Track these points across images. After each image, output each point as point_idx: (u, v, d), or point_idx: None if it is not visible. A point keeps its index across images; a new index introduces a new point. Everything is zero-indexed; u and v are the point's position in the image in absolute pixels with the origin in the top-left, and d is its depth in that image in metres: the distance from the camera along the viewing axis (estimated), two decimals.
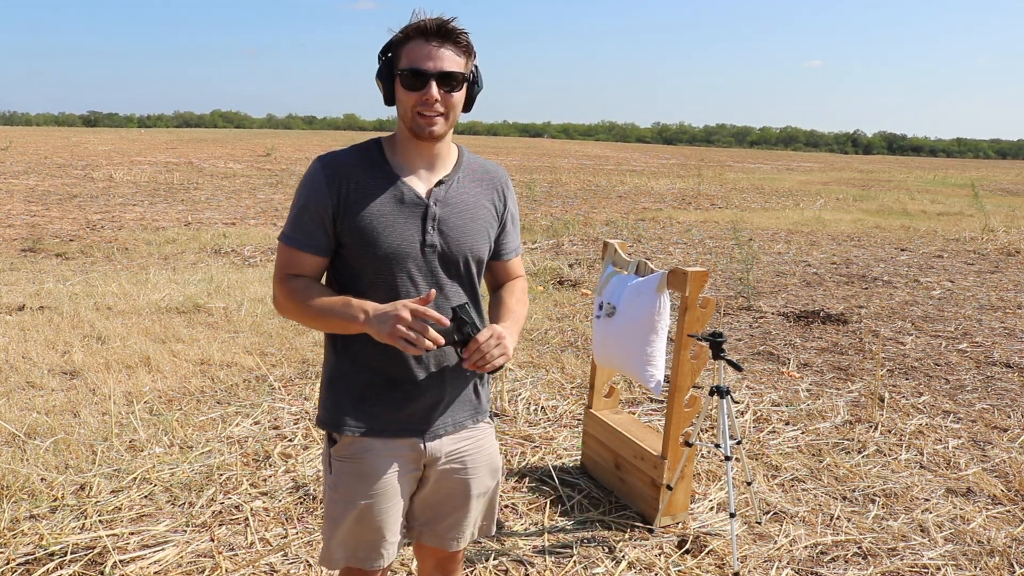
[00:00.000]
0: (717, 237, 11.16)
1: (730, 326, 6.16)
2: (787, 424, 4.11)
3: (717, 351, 2.73)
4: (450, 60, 1.57)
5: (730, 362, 2.70)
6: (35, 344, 4.95)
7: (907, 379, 4.94)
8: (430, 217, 1.64)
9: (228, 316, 5.82)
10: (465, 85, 1.62)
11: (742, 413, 4.24)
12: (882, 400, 4.50)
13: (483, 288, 1.80)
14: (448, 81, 1.57)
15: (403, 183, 1.64)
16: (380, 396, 1.66)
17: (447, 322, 1.53)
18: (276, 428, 3.82)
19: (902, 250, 10.51)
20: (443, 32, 1.57)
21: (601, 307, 3.06)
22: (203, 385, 4.38)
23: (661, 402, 4.35)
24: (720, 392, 2.75)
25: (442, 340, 1.52)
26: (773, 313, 6.61)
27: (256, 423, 3.87)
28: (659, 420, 4.09)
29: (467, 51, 1.61)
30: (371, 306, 1.56)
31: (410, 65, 1.56)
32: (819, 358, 5.33)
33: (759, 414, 4.24)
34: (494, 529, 1.91)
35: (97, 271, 7.47)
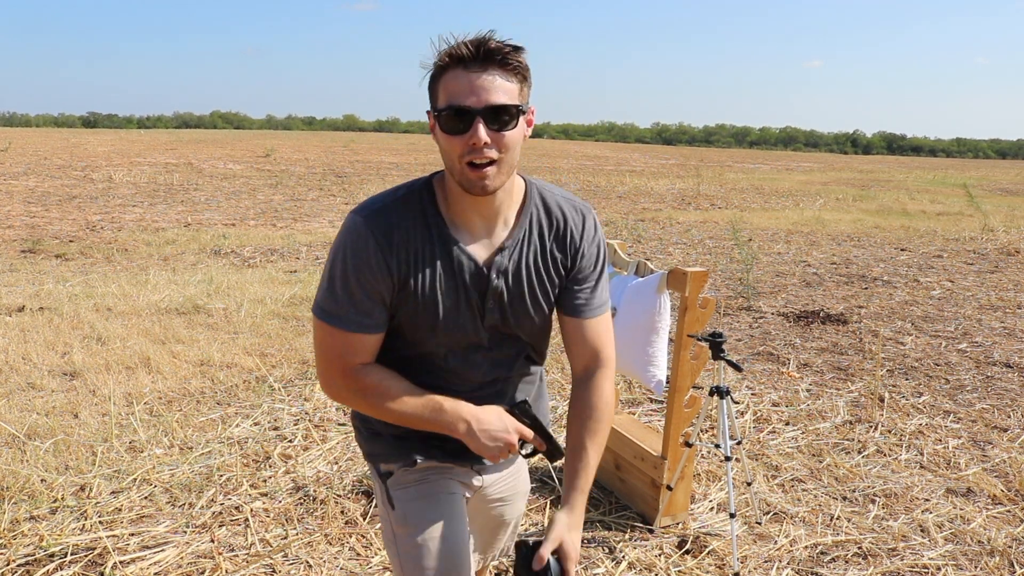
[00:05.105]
0: (717, 237, 11.17)
1: (730, 326, 6.16)
2: (787, 424, 4.11)
3: (717, 351, 2.73)
4: (499, 89, 1.25)
5: (730, 362, 2.70)
6: (35, 345, 4.95)
7: (907, 379, 4.94)
8: (491, 293, 1.39)
9: (228, 317, 5.82)
10: (521, 118, 1.30)
11: (742, 413, 4.24)
12: (882, 400, 4.50)
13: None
14: (498, 117, 1.25)
15: (461, 249, 1.36)
16: (428, 435, 1.49)
17: (543, 446, 1.47)
18: (276, 429, 3.81)
19: (902, 250, 10.51)
20: (485, 54, 1.24)
21: None
22: (203, 386, 4.38)
23: (661, 402, 4.35)
24: (720, 392, 2.75)
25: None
26: (773, 313, 6.61)
27: (256, 424, 3.87)
28: (659, 420, 4.09)
29: (519, 74, 1.29)
30: (472, 417, 1.39)
31: (449, 102, 1.24)
32: (819, 358, 5.33)
33: (759, 414, 4.24)
34: (512, 547, 1.82)
35: (97, 272, 7.47)
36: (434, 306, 1.37)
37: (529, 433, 1.45)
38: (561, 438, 1.55)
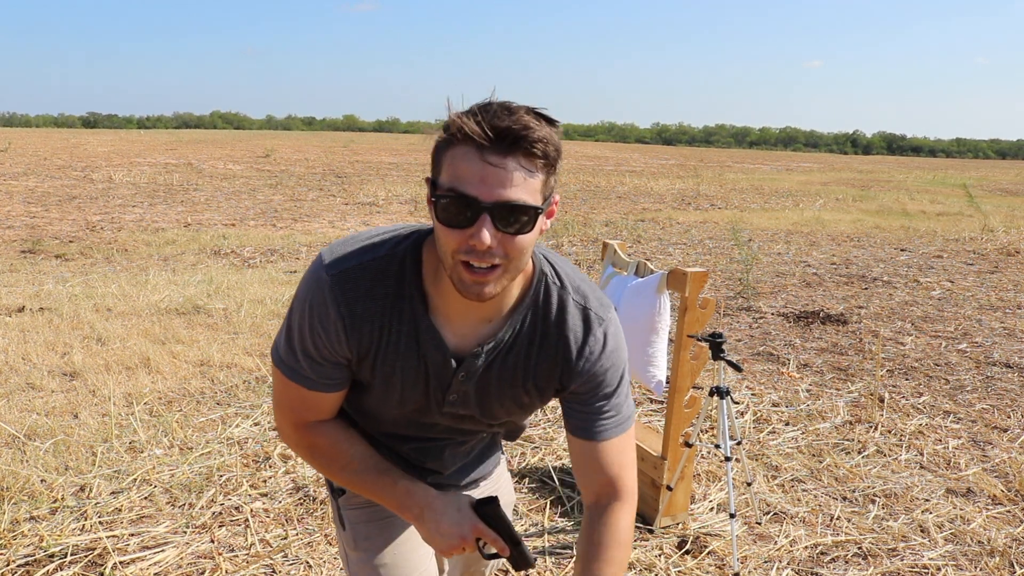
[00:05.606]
0: (717, 238, 11.17)
1: (730, 326, 6.16)
2: (787, 425, 4.12)
3: (717, 351, 2.73)
4: (518, 184, 1.02)
5: (730, 363, 2.70)
6: (35, 345, 4.95)
7: (907, 379, 4.94)
8: (453, 389, 1.25)
9: (228, 317, 5.82)
10: (540, 218, 1.08)
11: (742, 414, 4.23)
12: (882, 400, 4.50)
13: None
14: (512, 217, 1.03)
15: (432, 336, 1.20)
16: (383, 453, 1.39)
17: (507, 551, 1.26)
18: (276, 429, 3.81)
19: (902, 250, 10.51)
20: (508, 139, 1.01)
21: None
22: (203, 386, 4.38)
23: (661, 403, 4.35)
24: (720, 393, 2.75)
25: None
26: (773, 313, 6.61)
27: (256, 424, 3.87)
28: (659, 421, 4.09)
29: (547, 165, 1.06)
30: (426, 505, 1.25)
31: (452, 185, 1.02)
32: (819, 358, 5.33)
33: (759, 415, 4.24)
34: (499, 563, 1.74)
35: (97, 272, 7.47)
36: (390, 384, 1.24)
37: (491, 535, 1.26)
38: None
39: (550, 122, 1.06)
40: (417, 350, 1.20)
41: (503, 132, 1.00)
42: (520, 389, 1.26)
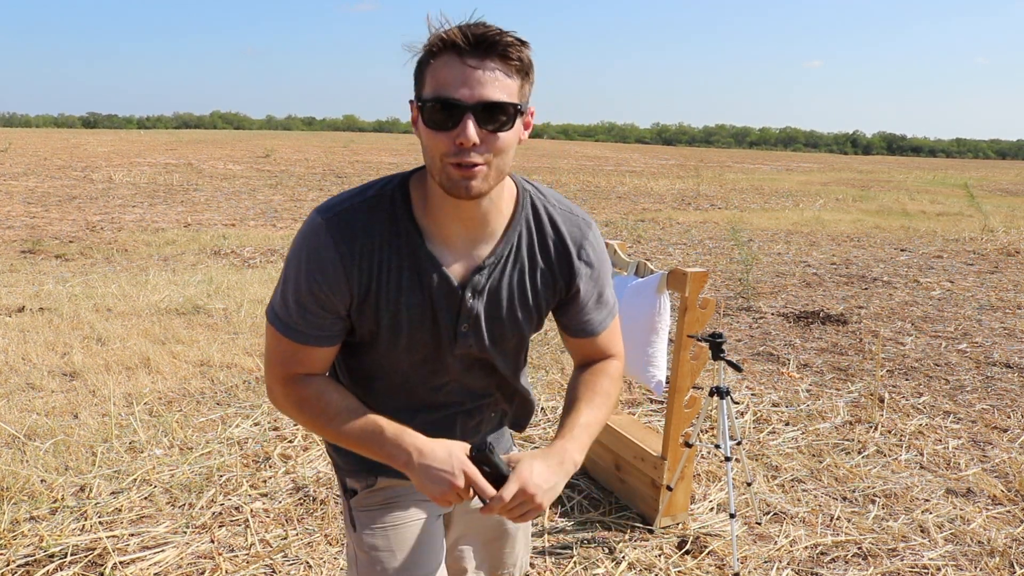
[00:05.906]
0: (717, 238, 11.17)
1: (730, 326, 6.16)
2: (787, 425, 4.12)
3: (717, 352, 2.73)
4: (497, 84, 1.11)
5: (730, 363, 2.70)
6: (35, 346, 4.95)
7: (907, 379, 4.94)
8: (463, 314, 1.26)
9: (228, 317, 5.82)
10: (519, 119, 1.16)
11: (742, 414, 4.24)
12: (882, 400, 4.50)
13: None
14: (493, 115, 1.11)
15: (434, 264, 1.23)
16: None
17: (492, 493, 1.21)
18: (276, 429, 3.82)
19: (902, 250, 10.51)
20: (485, 44, 1.10)
21: None
22: (203, 386, 4.38)
23: (661, 403, 4.35)
24: (720, 393, 2.75)
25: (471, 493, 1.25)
26: (773, 313, 6.61)
27: (256, 424, 3.87)
28: (659, 421, 4.09)
29: (521, 70, 1.14)
30: (415, 449, 1.22)
31: (436, 92, 1.10)
32: (819, 358, 5.33)
33: (759, 415, 4.24)
34: (528, 562, 1.72)
35: (97, 272, 7.47)
36: (397, 325, 1.25)
37: (482, 484, 1.21)
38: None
39: (522, 41, 1.15)
40: (419, 283, 1.24)
41: (480, 37, 1.10)
42: (530, 301, 1.32)
